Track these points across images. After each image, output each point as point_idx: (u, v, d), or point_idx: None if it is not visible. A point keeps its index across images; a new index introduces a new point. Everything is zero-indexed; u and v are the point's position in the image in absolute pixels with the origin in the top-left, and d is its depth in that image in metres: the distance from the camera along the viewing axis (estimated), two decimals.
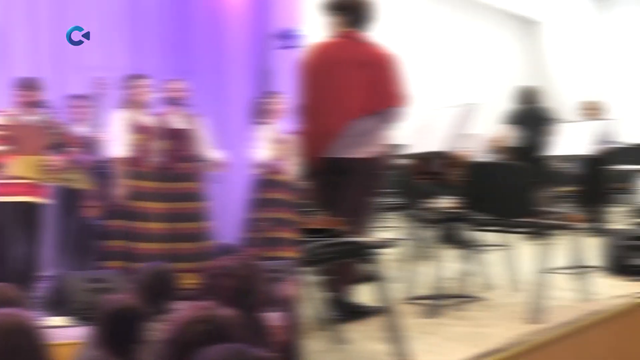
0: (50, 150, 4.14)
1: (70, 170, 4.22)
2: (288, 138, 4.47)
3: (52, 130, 4.17)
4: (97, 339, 2.40)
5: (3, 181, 4.06)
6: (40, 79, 4.21)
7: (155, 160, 4.39)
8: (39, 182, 4.10)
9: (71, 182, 4.26)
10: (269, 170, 4.58)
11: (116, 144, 4.32)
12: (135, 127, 4.35)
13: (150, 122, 4.43)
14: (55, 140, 4.17)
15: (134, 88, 4.38)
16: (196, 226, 4.42)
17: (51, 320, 3.51)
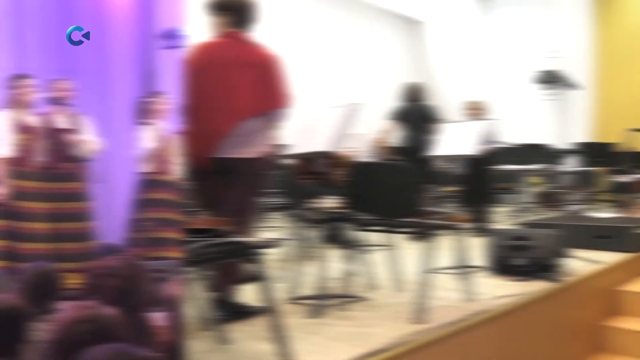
0: None
1: None
2: (172, 138, 4.52)
3: None
4: None
5: None
6: None
7: (39, 160, 4.38)
8: None
9: None
10: (153, 171, 4.62)
11: (0, 144, 4.29)
12: (19, 127, 4.32)
13: (35, 122, 4.40)
14: None
15: (17, 88, 4.34)
16: (80, 226, 4.42)
17: None
